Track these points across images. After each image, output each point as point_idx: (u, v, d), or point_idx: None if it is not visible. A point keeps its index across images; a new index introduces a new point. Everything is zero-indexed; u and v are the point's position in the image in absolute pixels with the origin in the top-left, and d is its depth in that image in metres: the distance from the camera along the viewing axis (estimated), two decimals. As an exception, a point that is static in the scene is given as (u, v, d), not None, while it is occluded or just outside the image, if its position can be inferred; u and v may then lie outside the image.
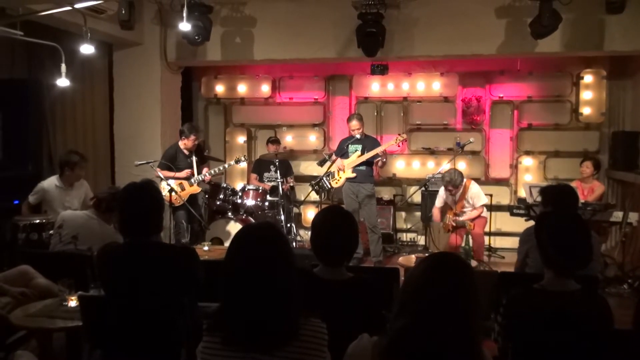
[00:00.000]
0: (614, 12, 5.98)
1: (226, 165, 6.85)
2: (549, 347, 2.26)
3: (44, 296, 3.57)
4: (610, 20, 6.23)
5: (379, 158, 6.61)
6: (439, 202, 6.63)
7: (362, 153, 6.67)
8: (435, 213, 6.66)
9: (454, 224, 6.33)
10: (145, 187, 2.88)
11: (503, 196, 7.94)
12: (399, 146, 7.00)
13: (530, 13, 5.98)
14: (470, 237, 5.76)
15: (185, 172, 6.45)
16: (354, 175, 6.68)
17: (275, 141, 7.75)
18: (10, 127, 5.85)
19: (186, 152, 6.56)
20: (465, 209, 6.43)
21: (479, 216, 6.40)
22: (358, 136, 6.67)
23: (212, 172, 6.66)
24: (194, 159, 6.59)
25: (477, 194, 6.42)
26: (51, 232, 4.89)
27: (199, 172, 6.60)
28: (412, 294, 1.73)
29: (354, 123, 6.69)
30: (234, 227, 6.80)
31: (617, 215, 6.16)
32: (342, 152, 6.79)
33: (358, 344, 1.86)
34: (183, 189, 6.47)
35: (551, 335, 2.25)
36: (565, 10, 5.80)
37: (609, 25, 6.26)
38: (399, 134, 6.75)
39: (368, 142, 6.72)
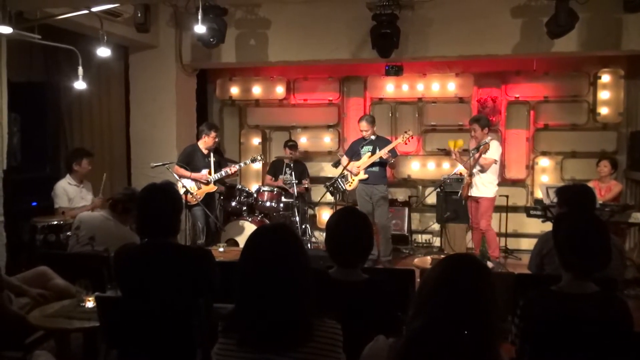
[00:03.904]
0: (632, 10, 5.90)
1: (242, 164, 6.84)
2: (566, 350, 2.23)
3: (61, 297, 3.60)
4: (628, 19, 6.15)
5: (390, 157, 6.58)
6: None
7: (374, 154, 6.66)
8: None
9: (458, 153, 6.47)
10: (164, 189, 2.91)
11: (519, 197, 7.86)
12: (406, 143, 6.84)
13: (546, 12, 5.93)
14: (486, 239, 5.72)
15: (202, 176, 6.44)
16: (366, 176, 6.67)
17: (293, 146, 7.74)
18: (28, 130, 5.91)
19: (205, 151, 6.55)
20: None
21: (487, 164, 6.31)
22: (373, 137, 6.67)
23: (228, 170, 6.62)
24: (212, 159, 6.58)
25: (493, 146, 6.30)
26: (69, 233, 4.95)
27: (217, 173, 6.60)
28: (428, 295, 1.72)
29: (363, 124, 6.69)
30: (249, 229, 6.82)
31: (636, 217, 6.06)
32: (355, 154, 6.79)
33: (374, 345, 1.86)
34: (199, 188, 6.49)
35: (569, 337, 2.23)
36: (582, 9, 5.74)
37: (626, 24, 6.19)
38: (405, 131, 6.68)
39: (380, 143, 6.69)
